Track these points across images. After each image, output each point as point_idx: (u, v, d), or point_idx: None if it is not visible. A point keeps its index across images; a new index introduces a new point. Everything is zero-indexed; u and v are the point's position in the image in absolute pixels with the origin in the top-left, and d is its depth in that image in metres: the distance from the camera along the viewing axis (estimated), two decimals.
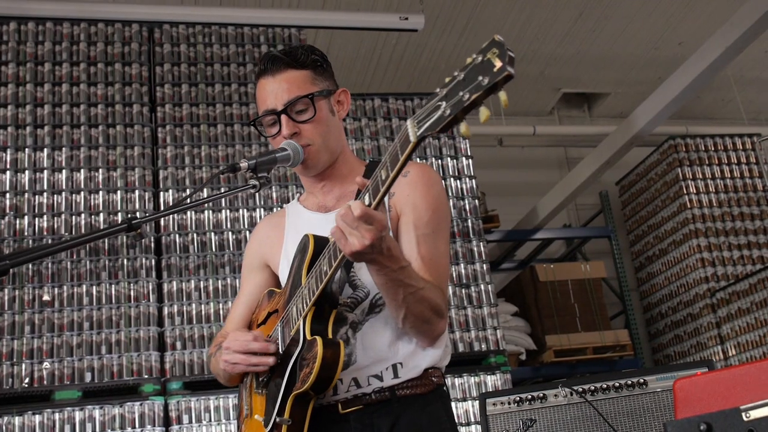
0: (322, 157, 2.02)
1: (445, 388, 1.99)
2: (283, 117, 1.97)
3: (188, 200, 1.77)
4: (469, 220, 4.92)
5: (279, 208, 4.57)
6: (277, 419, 1.79)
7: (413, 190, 1.95)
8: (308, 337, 1.78)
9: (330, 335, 1.80)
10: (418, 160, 4.86)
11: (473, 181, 5.05)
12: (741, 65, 6.98)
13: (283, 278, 2.07)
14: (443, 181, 4.63)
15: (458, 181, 5.01)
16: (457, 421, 2.17)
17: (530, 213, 7.30)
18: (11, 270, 1.42)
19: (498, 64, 1.24)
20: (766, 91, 7.91)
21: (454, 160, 5.07)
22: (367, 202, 1.57)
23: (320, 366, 1.71)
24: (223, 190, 4.47)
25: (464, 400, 4.44)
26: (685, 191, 6.86)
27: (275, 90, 1.99)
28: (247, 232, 4.49)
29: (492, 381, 4.55)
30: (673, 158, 7.01)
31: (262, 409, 1.92)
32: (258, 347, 1.89)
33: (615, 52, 7.03)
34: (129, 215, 4.33)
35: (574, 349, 6.40)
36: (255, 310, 2.15)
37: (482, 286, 4.78)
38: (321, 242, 1.85)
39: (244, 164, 1.83)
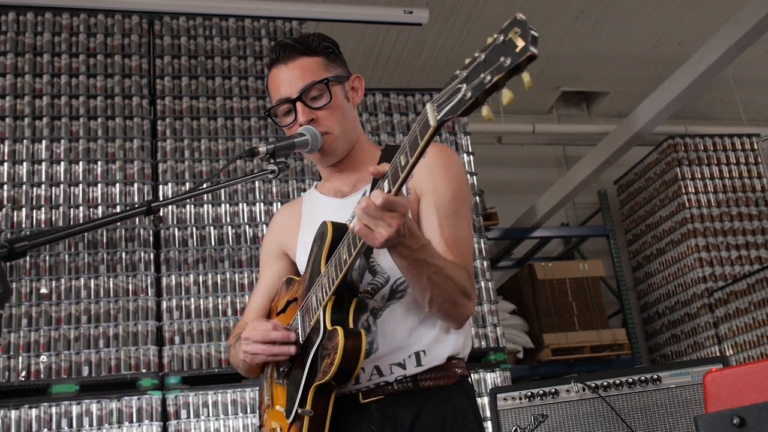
0: (340, 145, 1.97)
1: (469, 380, 1.94)
2: (299, 104, 1.93)
3: (205, 185, 1.72)
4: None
5: (279, 203, 4.55)
6: (299, 410, 1.76)
7: (431, 171, 1.88)
8: (329, 327, 1.74)
9: (351, 324, 1.76)
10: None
11: (474, 177, 5.02)
12: (741, 65, 6.97)
13: (301, 266, 2.03)
14: None
15: None
16: None
17: (528, 211, 7.28)
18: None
19: (520, 43, 1.19)
20: (766, 91, 7.91)
21: None
22: (386, 189, 1.52)
23: (341, 357, 1.67)
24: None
25: None
26: (683, 191, 6.85)
27: (289, 78, 1.94)
28: (247, 226, 4.45)
29: (492, 378, 4.53)
30: (672, 158, 6.99)
31: (283, 400, 1.89)
32: (279, 336, 1.84)
33: (615, 51, 7.01)
34: (127, 206, 4.28)
35: (572, 347, 6.40)
36: (274, 298, 2.11)
37: (482, 283, 4.75)
38: (340, 229, 1.81)
39: (262, 149, 1.79)
